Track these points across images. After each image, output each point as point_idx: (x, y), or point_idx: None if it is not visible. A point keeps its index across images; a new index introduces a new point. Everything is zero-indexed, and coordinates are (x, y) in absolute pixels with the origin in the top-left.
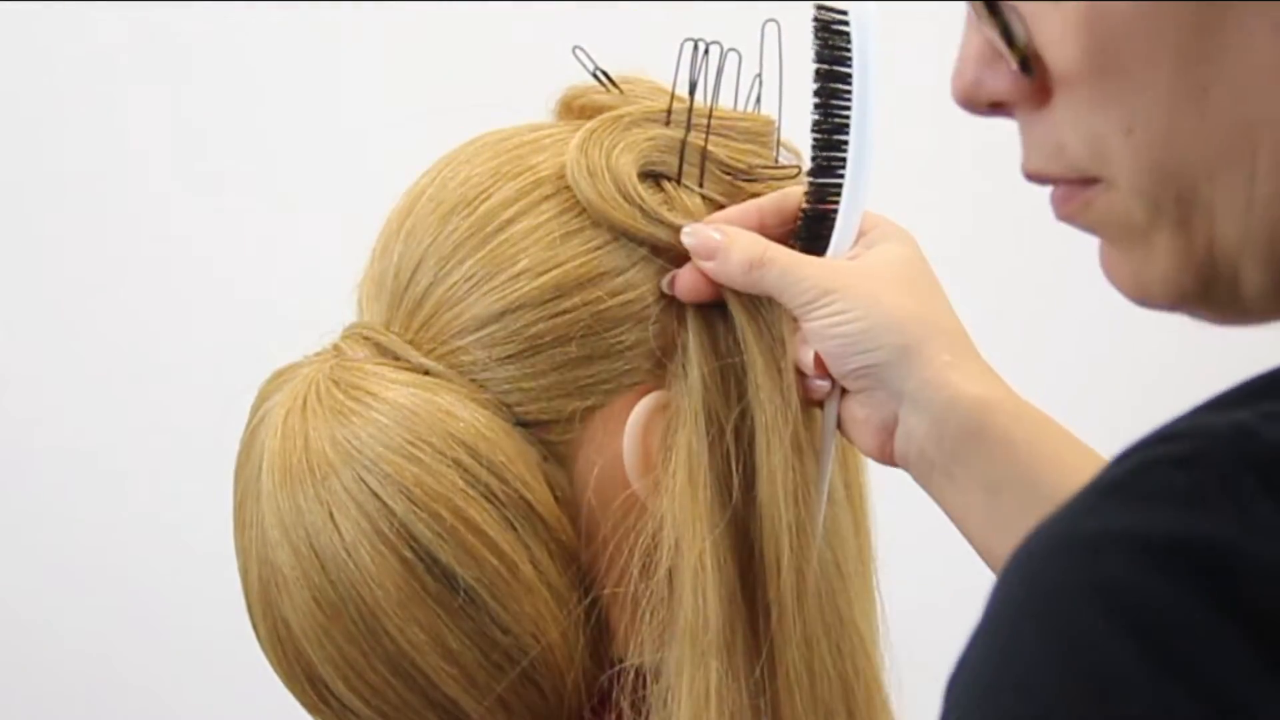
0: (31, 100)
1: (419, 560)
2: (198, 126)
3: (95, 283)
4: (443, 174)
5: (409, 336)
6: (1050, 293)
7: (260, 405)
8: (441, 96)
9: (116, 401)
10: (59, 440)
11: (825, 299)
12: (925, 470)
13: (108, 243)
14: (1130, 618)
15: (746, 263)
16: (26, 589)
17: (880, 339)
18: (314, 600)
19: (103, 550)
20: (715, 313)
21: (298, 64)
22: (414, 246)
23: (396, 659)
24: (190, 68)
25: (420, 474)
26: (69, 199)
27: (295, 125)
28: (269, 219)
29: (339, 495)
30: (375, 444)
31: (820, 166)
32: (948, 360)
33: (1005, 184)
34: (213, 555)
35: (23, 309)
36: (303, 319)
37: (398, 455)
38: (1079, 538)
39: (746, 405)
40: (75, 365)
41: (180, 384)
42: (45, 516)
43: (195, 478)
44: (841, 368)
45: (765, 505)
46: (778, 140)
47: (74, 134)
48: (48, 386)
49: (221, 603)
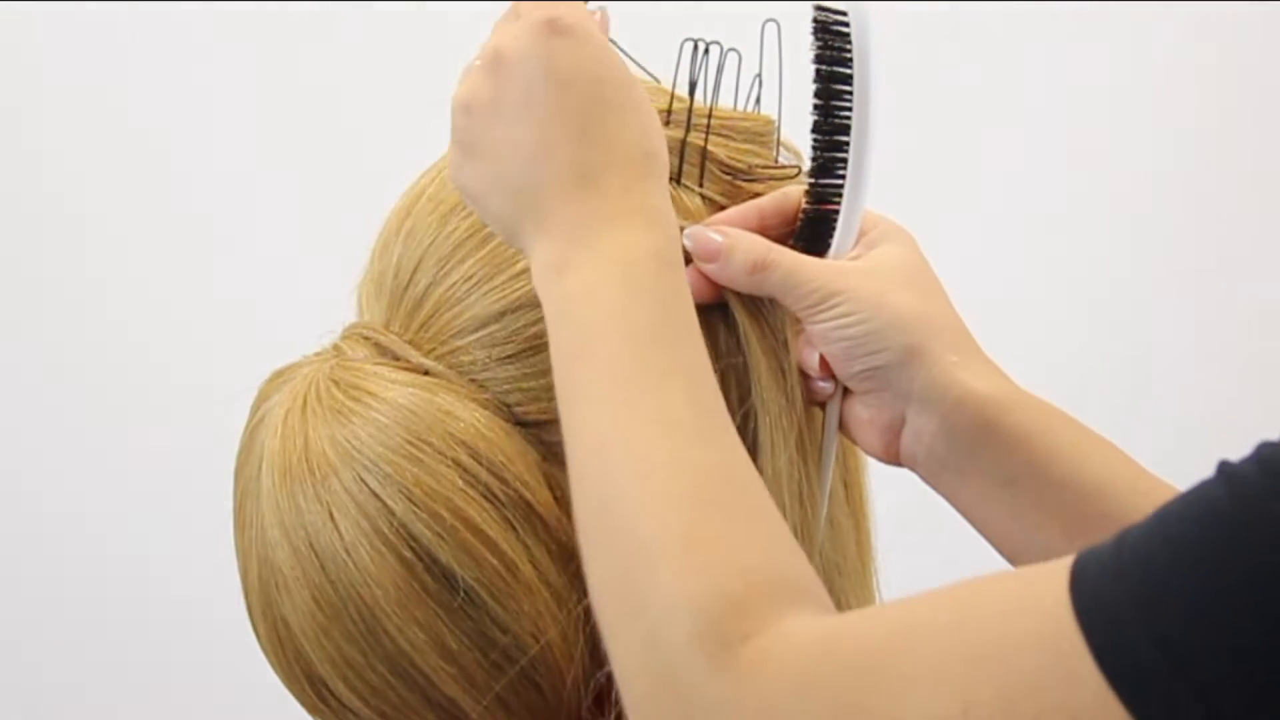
0: (27, 97)
1: (418, 560)
2: (197, 126)
3: (94, 283)
4: (442, 174)
5: (409, 336)
6: (1049, 292)
7: (260, 405)
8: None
9: (116, 402)
10: (58, 440)
11: (830, 301)
12: (935, 469)
13: (107, 243)
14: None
15: (749, 265)
16: (27, 589)
17: (886, 340)
18: (313, 600)
19: (102, 550)
20: (717, 314)
21: (297, 63)
22: (414, 246)
23: (396, 659)
24: (189, 67)
25: (420, 474)
26: (68, 198)
27: (295, 125)
28: (268, 219)
29: (339, 495)
30: (375, 444)
31: (821, 167)
32: (954, 360)
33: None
34: (212, 555)
35: (22, 309)
36: (302, 319)
37: (397, 455)
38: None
39: (750, 407)
40: (74, 365)
41: (180, 384)
42: (45, 516)
43: (195, 478)
44: (847, 369)
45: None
46: (778, 140)
47: (73, 134)
48: (47, 387)
49: (220, 602)
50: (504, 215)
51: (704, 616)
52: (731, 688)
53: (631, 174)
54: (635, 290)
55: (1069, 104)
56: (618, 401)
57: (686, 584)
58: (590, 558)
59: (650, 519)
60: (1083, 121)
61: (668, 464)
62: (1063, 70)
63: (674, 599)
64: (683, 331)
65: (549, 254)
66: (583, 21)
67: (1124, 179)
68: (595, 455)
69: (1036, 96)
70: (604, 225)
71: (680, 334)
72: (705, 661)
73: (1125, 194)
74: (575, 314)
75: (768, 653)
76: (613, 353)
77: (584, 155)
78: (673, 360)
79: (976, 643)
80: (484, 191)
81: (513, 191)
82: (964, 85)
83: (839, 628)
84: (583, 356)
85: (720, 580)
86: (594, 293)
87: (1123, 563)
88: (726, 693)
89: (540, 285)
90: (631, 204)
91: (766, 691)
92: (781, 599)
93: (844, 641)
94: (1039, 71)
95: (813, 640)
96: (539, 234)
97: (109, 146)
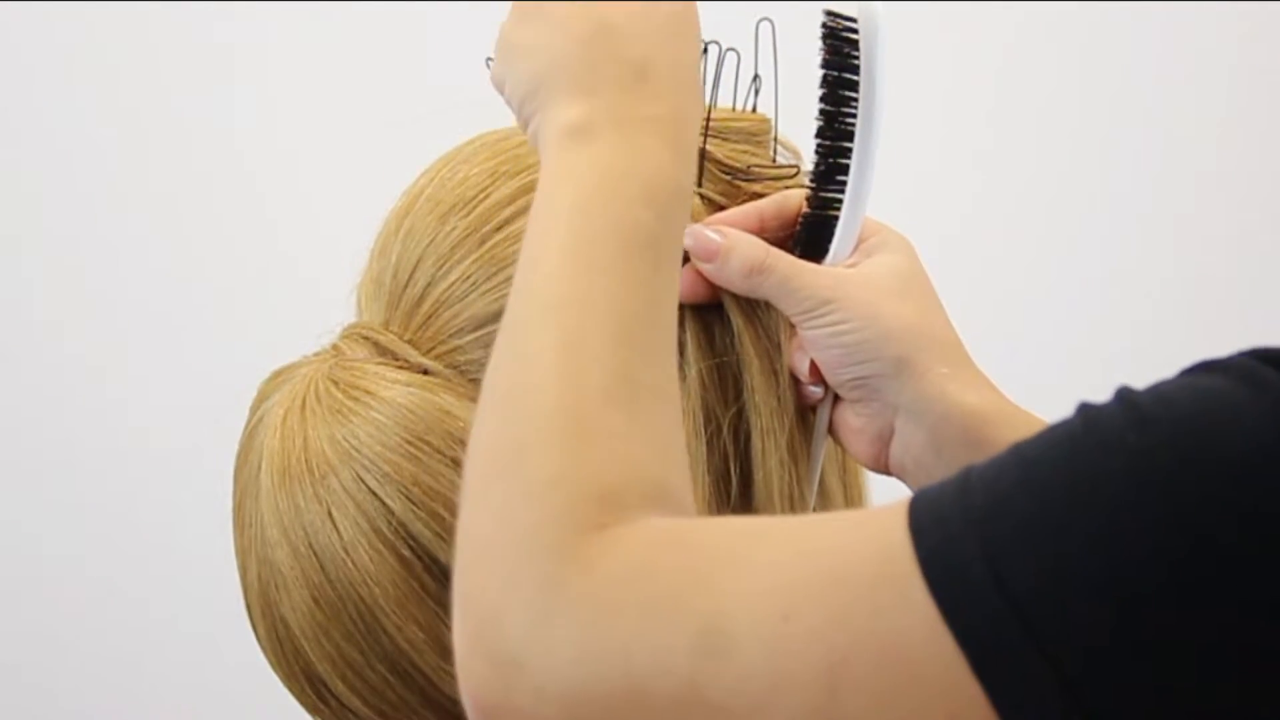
0: (29, 96)
1: (417, 559)
2: (197, 126)
3: (94, 282)
4: (441, 174)
5: (408, 336)
6: (1047, 298)
7: (259, 405)
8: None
9: (116, 402)
10: (58, 440)
11: (824, 308)
12: (923, 480)
13: (106, 242)
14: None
15: (746, 268)
16: (27, 589)
17: (877, 350)
18: (313, 599)
19: (102, 550)
20: (712, 314)
21: (295, 63)
22: (412, 246)
23: (395, 658)
24: (188, 67)
25: (419, 473)
26: (68, 198)
27: (294, 125)
28: (267, 219)
29: (338, 494)
30: (374, 443)
31: (823, 173)
32: (944, 372)
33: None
34: (211, 555)
35: (22, 309)
36: (302, 319)
37: (396, 454)
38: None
39: (742, 405)
40: (74, 365)
41: (179, 384)
42: (45, 517)
43: (194, 477)
44: (837, 377)
45: (760, 508)
46: (775, 139)
47: (73, 133)
48: (47, 387)
49: (220, 602)
50: (539, 71)
51: (571, 499)
52: (567, 568)
53: (684, 100)
54: (649, 201)
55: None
56: (588, 278)
57: (567, 466)
58: (486, 411)
59: (558, 397)
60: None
61: (598, 355)
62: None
63: (550, 475)
64: (669, 259)
65: (577, 117)
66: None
67: (1125, 179)
68: (541, 312)
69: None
70: (642, 125)
71: (666, 260)
72: (554, 538)
73: (1126, 194)
74: (583, 184)
75: (614, 540)
76: (604, 237)
77: (654, 55)
78: (655, 271)
79: (810, 554)
80: (535, 45)
81: (578, 44)
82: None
83: (688, 526)
84: (572, 225)
85: (599, 473)
86: (612, 179)
87: (969, 484)
88: (561, 573)
89: (550, 142)
90: (671, 117)
91: (599, 576)
92: (652, 506)
93: (688, 538)
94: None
95: (658, 534)
96: (575, 95)
97: (109, 146)
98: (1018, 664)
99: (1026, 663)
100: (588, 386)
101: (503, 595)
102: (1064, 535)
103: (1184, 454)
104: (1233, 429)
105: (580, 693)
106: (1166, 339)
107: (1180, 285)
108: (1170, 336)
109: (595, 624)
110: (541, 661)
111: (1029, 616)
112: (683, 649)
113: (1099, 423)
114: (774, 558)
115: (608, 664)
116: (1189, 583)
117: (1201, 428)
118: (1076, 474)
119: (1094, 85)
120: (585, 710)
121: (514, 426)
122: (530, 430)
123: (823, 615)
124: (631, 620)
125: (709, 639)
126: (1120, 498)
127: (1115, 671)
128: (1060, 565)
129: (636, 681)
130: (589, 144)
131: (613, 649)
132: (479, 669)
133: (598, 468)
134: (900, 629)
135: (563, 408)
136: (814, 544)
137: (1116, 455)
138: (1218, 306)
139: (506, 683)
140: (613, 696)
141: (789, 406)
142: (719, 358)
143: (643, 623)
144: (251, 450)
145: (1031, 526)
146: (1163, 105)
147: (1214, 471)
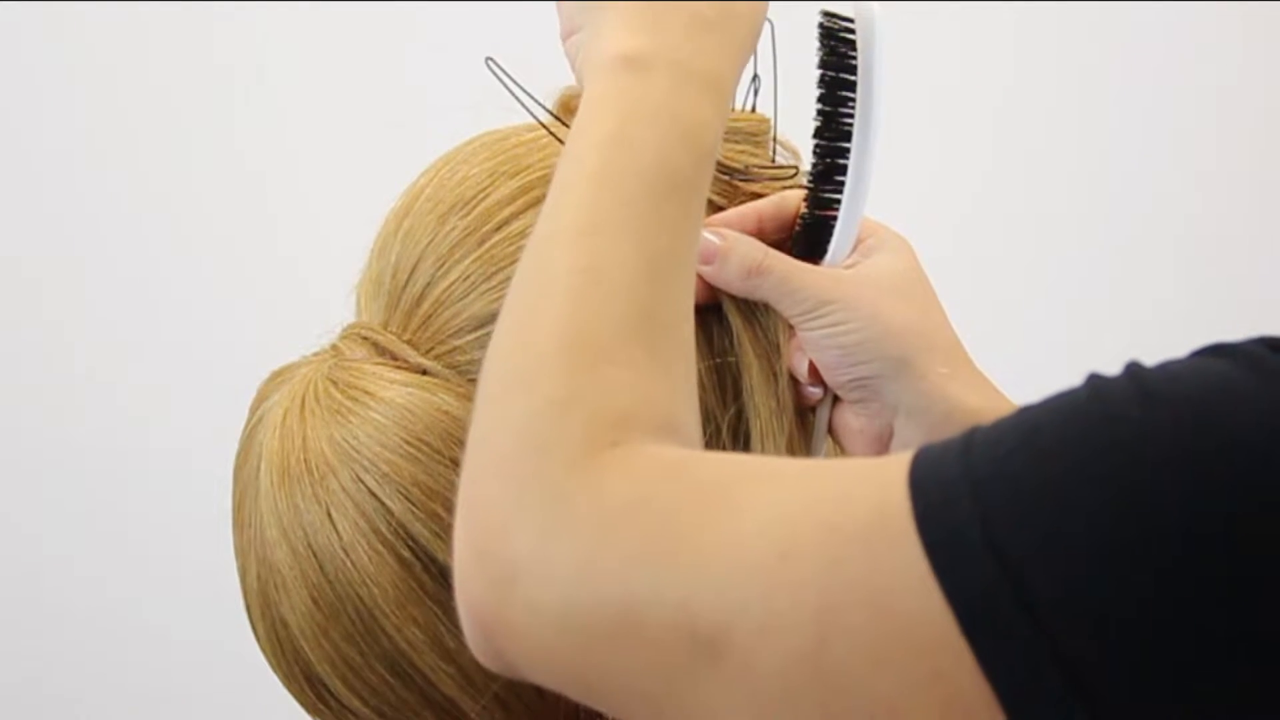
0: (29, 97)
1: (417, 559)
2: (195, 126)
3: (93, 283)
4: (441, 173)
5: (407, 336)
6: (1047, 298)
7: (258, 405)
8: (440, 96)
9: (116, 402)
10: (57, 439)
11: (823, 309)
12: None
13: (105, 242)
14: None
15: (745, 269)
16: (25, 589)
17: (877, 351)
18: (312, 600)
19: (101, 550)
20: (711, 315)
21: (294, 63)
22: (412, 246)
23: (394, 658)
24: (188, 67)
25: (418, 473)
26: (67, 197)
27: (294, 125)
28: (267, 219)
29: (337, 495)
30: (373, 444)
31: (821, 173)
32: (944, 372)
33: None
34: (210, 555)
35: (22, 309)
36: (301, 319)
37: (395, 455)
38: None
39: (742, 407)
40: (74, 365)
41: (179, 384)
42: (44, 517)
43: (193, 477)
44: (837, 378)
45: None
46: (774, 139)
47: (70, 134)
48: (46, 387)
49: (219, 602)
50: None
51: (586, 420)
52: (576, 486)
53: (737, 67)
54: (689, 148)
55: (1070, 103)
56: (620, 209)
57: (586, 388)
58: (508, 322)
59: (583, 322)
60: (1084, 121)
61: (624, 286)
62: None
63: (568, 395)
64: (696, 211)
65: (636, 48)
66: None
67: (1125, 179)
68: (570, 235)
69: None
70: (695, 76)
71: (695, 211)
72: (567, 456)
73: (1126, 194)
74: (628, 115)
75: (622, 459)
76: (641, 172)
77: (725, 16)
78: (684, 217)
79: (813, 500)
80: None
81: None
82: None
83: (695, 457)
84: (611, 154)
85: (616, 399)
86: (659, 118)
87: (971, 445)
88: (569, 490)
89: (600, 65)
90: (721, 78)
91: (605, 498)
92: (663, 435)
93: (694, 469)
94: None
95: (666, 460)
96: (639, 26)
97: (108, 145)
98: (1007, 626)
99: (1015, 625)
100: (611, 316)
101: (510, 507)
102: (1061, 502)
103: (1185, 432)
104: (1235, 412)
105: (574, 611)
106: (1167, 339)
107: (1181, 285)
108: (1170, 336)
109: (598, 545)
110: (540, 574)
111: (1020, 579)
112: (680, 579)
113: (1106, 394)
114: (777, 497)
115: (605, 586)
116: (1181, 558)
117: (1205, 409)
118: (1078, 443)
119: (1094, 85)
120: (576, 629)
121: (536, 342)
122: (551, 349)
123: (819, 561)
124: (633, 545)
125: (706, 571)
126: (1120, 469)
127: (1105, 638)
128: (1054, 531)
129: (631, 606)
130: (642, 78)
131: (611, 571)
132: (476, 579)
133: (615, 394)
134: (892, 584)
135: (586, 332)
136: (817, 490)
137: (1120, 427)
138: (1218, 307)
139: (502, 595)
140: (605, 619)
141: (788, 408)
142: (718, 359)
143: (643, 548)
144: (251, 450)
145: (1029, 492)
146: (1163, 105)
147: (1213, 452)
